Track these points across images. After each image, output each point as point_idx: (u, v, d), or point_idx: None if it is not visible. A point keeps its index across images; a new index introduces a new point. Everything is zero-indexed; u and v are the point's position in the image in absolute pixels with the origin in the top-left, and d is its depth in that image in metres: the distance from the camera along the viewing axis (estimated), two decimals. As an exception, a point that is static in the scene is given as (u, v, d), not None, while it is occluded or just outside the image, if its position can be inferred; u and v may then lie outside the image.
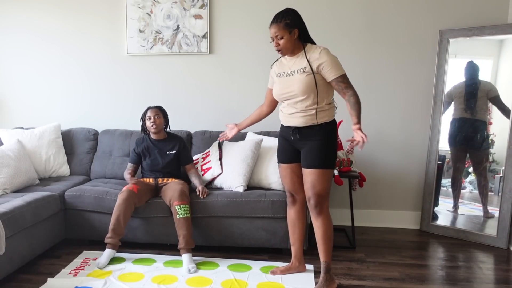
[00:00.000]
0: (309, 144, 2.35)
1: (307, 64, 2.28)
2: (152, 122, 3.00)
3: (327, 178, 2.37)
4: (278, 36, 2.28)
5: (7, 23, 3.84)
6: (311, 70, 2.27)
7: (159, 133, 3.06)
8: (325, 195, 2.37)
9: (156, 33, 3.65)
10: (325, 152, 2.33)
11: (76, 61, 3.81)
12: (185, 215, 2.73)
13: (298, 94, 2.30)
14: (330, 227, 2.42)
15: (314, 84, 2.27)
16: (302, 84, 2.28)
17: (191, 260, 2.69)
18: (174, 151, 3.05)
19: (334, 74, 2.27)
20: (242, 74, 3.66)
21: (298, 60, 2.34)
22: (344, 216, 3.59)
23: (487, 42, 3.31)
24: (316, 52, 2.28)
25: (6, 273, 2.44)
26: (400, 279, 2.59)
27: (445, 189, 3.50)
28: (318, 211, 2.37)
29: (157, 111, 3.04)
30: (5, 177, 2.91)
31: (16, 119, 3.93)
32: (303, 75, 2.29)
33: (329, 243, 2.41)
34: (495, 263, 2.88)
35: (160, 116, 3.03)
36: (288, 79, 2.35)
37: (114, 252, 2.76)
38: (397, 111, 3.54)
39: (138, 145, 3.10)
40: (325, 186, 2.35)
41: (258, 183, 3.08)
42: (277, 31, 2.28)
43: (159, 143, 3.07)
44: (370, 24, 3.48)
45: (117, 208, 2.75)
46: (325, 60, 2.25)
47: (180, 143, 3.10)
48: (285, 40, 2.28)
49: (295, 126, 2.37)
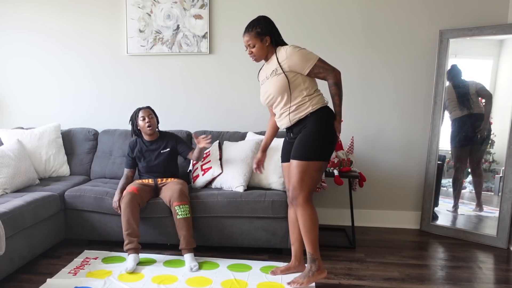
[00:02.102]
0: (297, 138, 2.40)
1: (277, 65, 2.35)
2: (147, 122, 2.96)
3: (305, 170, 2.32)
4: (250, 45, 2.39)
5: (7, 23, 3.84)
6: (282, 70, 2.33)
7: (153, 134, 3.04)
8: (298, 187, 2.33)
9: (156, 33, 3.65)
10: (305, 144, 2.32)
11: (76, 61, 3.82)
12: (185, 215, 2.73)
13: (275, 95, 2.38)
14: (310, 219, 2.36)
15: (287, 83, 2.33)
16: (275, 85, 2.36)
17: (193, 259, 2.70)
18: (168, 148, 3.03)
19: (304, 66, 2.32)
20: (242, 74, 3.66)
21: (270, 64, 2.42)
22: (344, 216, 3.60)
23: (487, 42, 3.31)
24: (283, 52, 2.34)
25: (6, 273, 2.44)
26: (400, 279, 2.59)
27: (445, 189, 3.50)
28: (295, 203, 2.38)
29: (149, 111, 3.01)
30: (5, 177, 2.91)
31: (16, 119, 3.93)
32: (276, 77, 2.35)
33: (311, 234, 2.37)
34: (495, 263, 2.88)
35: (153, 116, 3.01)
36: (266, 85, 2.44)
37: (137, 256, 2.72)
38: (397, 111, 3.55)
39: (132, 149, 3.06)
40: (299, 178, 2.32)
41: (258, 183, 3.08)
42: (249, 40, 2.39)
43: (152, 144, 3.04)
44: (370, 24, 3.48)
45: (124, 213, 2.74)
46: (292, 56, 2.30)
47: (173, 139, 3.07)
48: (257, 48, 2.39)
49: (287, 127, 2.46)
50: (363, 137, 3.60)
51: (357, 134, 3.58)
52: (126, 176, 3.03)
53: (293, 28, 3.52)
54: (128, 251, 2.72)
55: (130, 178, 3.05)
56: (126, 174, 3.04)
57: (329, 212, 3.66)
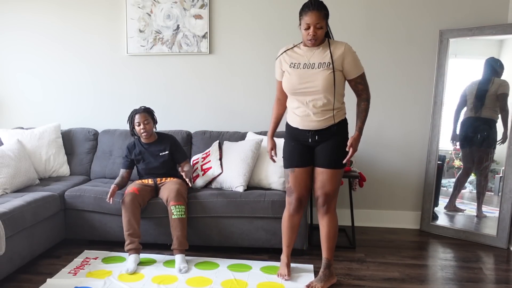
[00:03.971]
0: (325, 143, 2.31)
1: (330, 59, 2.20)
2: (142, 129, 2.92)
3: (339, 178, 2.37)
4: (317, 25, 2.16)
5: (7, 23, 3.84)
6: (333, 67, 2.20)
7: (150, 137, 3.00)
8: (333, 195, 2.37)
9: (156, 33, 3.65)
10: (339, 152, 2.32)
11: (76, 61, 3.81)
12: (180, 216, 2.73)
13: (320, 90, 2.21)
14: (336, 226, 2.44)
15: (333, 83, 2.21)
16: (325, 81, 2.19)
17: (184, 261, 2.69)
18: (166, 151, 3.00)
19: (356, 72, 2.25)
20: (242, 74, 3.66)
21: (318, 53, 2.24)
22: (344, 216, 3.59)
23: (487, 42, 3.30)
24: (341, 48, 2.22)
25: (6, 273, 2.44)
26: (400, 279, 2.59)
27: (445, 189, 3.50)
28: (325, 210, 2.39)
29: (145, 115, 2.93)
30: (5, 177, 2.91)
31: (16, 119, 3.93)
32: (326, 72, 2.20)
33: (333, 241, 2.44)
34: (495, 263, 2.88)
35: (149, 121, 2.94)
36: (308, 72, 2.23)
37: (138, 256, 2.73)
38: (397, 111, 3.54)
39: (130, 151, 3.02)
40: (335, 187, 2.35)
41: (258, 183, 3.08)
42: (318, 20, 2.15)
43: (151, 146, 3.01)
44: (370, 24, 3.48)
45: (124, 214, 2.73)
46: (348, 56, 2.22)
47: (171, 142, 3.04)
48: (323, 30, 2.20)
49: (314, 129, 2.30)
50: (363, 137, 3.56)
51: (357, 134, 3.57)
52: (122, 177, 3.00)
53: (293, 28, 3.52)
54: (129, 251, 2.71)
55: (125, 179, 3.02)
56: (121, 175, 3.01)
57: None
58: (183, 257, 2.71)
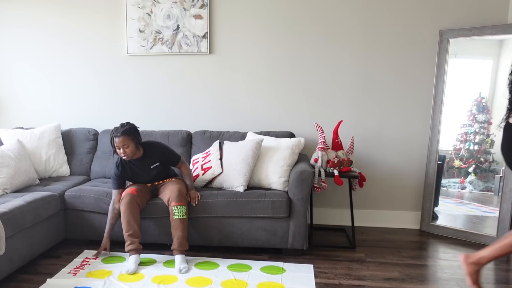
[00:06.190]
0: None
1: None
2: (122, 153, 2.71)
3: None
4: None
5: (7, 23, 3.84)
6: None
7: (134, 156, 2.80)
8: None
9: (156, 33, 3.65)
10: None
11: (76, 61, 3.81)
12: (181, 216, 2.73)
13: None
14: None
15: None
16: None
17: (184, 261, 2.68)
18: (157, 163, 2.90)
19: None
20: (242, 74, 3.66)
21: None
22: (344, 216, 3.60)
23: (487, 42, 3.30)
24: None
25: (6, 273, 2.44)
26: (400, 279, 2.59)
27: (445, 189, 3.50)
28: None
29: (124, 139, 2.68)
30: (5, 177, 2.91)
31: (16, 119, 3.93)
32: None
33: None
34: (495, 263, 2.88)
35: (128, 144, 2.70)
36: None
37: (138, 256, 2.71)
38: (397, 111, 3.55)
39: (119, 169, 2.85)
40: None
41: (258, 183, 3.08)
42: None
43: (139, 161, 2.86)
44: (370, 24, 3.48)
45: (124, 215, 2.73)
46: None
47: (159, 152, 2.89)
48: None
49: None
50: (363, 137, 3.60)
51: (357, 134, 3.58)
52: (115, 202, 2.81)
53: (293, 28, 3.53)
54: (130, 252, 2.71)
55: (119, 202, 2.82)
56: (114, 199, 2.82)
57: (329, 212, 3.66)
58: (183, 257, 2.71)
